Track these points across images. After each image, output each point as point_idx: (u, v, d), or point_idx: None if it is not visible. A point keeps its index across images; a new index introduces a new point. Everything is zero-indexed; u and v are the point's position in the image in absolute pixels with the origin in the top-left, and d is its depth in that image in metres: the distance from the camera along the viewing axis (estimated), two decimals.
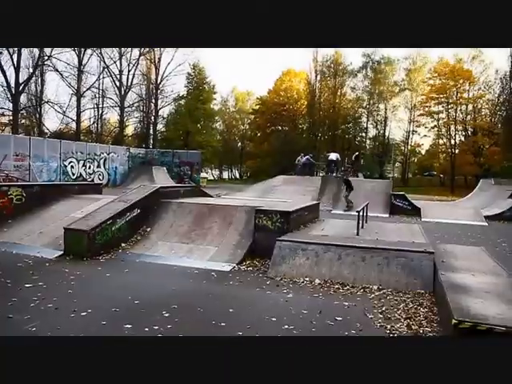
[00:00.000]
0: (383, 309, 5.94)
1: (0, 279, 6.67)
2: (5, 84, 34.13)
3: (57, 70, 38.50)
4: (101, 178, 30.34)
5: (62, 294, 6.05)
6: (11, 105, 35.18)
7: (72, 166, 28.20)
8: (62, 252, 8.37)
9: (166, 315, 5.38)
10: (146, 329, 4.88)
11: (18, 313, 5.23)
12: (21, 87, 35.26)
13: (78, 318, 5.17)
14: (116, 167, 32.17)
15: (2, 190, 10.25)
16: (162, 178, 30.35)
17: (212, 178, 56.92)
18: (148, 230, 9.62)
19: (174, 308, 5.64)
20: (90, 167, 29.67)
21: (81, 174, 28.80)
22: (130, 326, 4.93)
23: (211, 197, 12.75)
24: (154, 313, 5.44)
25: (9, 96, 34.65)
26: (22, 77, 35.62)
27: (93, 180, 29.15)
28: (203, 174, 39.56)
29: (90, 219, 8.62)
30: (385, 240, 8.67)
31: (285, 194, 24.80)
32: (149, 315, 5.35)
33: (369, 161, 52.80)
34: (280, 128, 58.78)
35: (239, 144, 69.29)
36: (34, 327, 4.82)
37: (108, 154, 31.43)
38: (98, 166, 30.47)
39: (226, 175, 67.98)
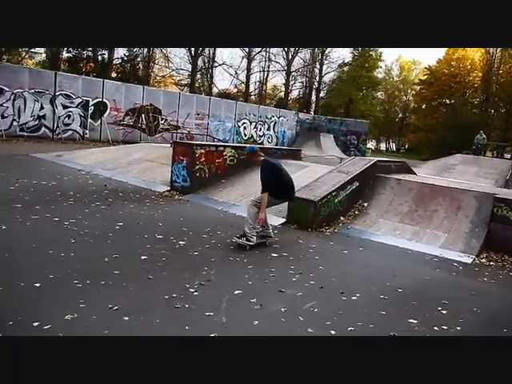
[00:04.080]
0: None
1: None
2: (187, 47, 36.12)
3: None
4: (270, 140, 30.80)
5: (314, 270, 5.74)
6: (190, 66, 37.20)
7: (245, 128, 28.92)
8: (284, 220, 8.20)
9: (444, 312, 4.77)
10: (436, 328, 4.33)
11: (289, 288, 5.00)
12: (199, 50, 36.91)
13: (351, 303, 4.77)
14: (284, 131, 32.39)
15: (219, 150, 10.42)
16: (329, 146, 29.88)
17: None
18: (365, 205, 9.08)
19: (446, 303, 5.00)
20: (260, 129, 30.18)
21: (252, 136, 29.45)
22: (415, 322, 4.42)
23: (415, 174, 11.82)
24: (429, 307, 4.86)
25: (189, 58, 36.62)
26: None
27: (262, 143, 29.65)
28: (368, 145, 38.28)
29: (314, 189, 8.30)
30: None
31: (463, 174, 22.80)
32: (425, 309, 4.78)
33: None
34: (448, 101, 54.63)
35: (399, 115, 66.11)
36: (312, 307, 4.54)
37: (278, 118, 31.68)
38: (268, 129, 30.88)
39: (382, 147, 65.65)
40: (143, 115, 23.60)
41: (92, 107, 21.81)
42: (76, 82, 21.40)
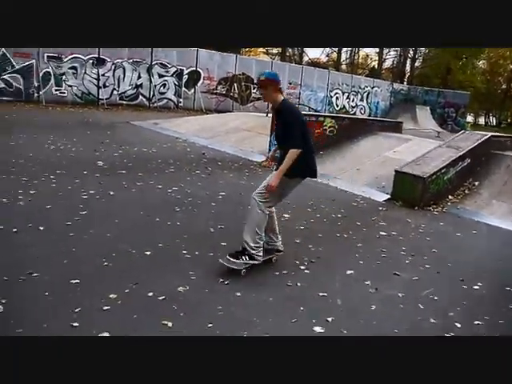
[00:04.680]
0: None
1: (344, 219, 6.35)
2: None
3: None
4: (362, 112, 29.82)
5: (427, 253, 5.35)
6: None
7: (337, 98, 28.14)
8: (388, 196, 7.79)
9: None
10: None
11: (404, 271, 4.68)
12: None
13: (473, 293, 4.36)
14: (378, 102, 31.17)
15: (319, 121, 10.10)
16: (425, 119, 28.44)
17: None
18: (476, 183, 8.42)
19: None
20: (353, 100, 29.26)
21: (344, 106, 28.62)
22: None
23: None
24: None
25: None
26: None
27: (354, 113, 28.77)
28: (468, 118, 35.88)
29: (421, 164, 7.78)
30: None
31: None
32: None
33: None
34: None
35: (503, 86, 61.35)
36: (431, 294, 4.19)
37: (372, 88, 30.51)
38: (361, 100, 29.87)
39: (481, 121, 61.47)
40: (235, 84, 23.58)
41: (186, 76, 22.09)
42: (171, 51, 21.69)
